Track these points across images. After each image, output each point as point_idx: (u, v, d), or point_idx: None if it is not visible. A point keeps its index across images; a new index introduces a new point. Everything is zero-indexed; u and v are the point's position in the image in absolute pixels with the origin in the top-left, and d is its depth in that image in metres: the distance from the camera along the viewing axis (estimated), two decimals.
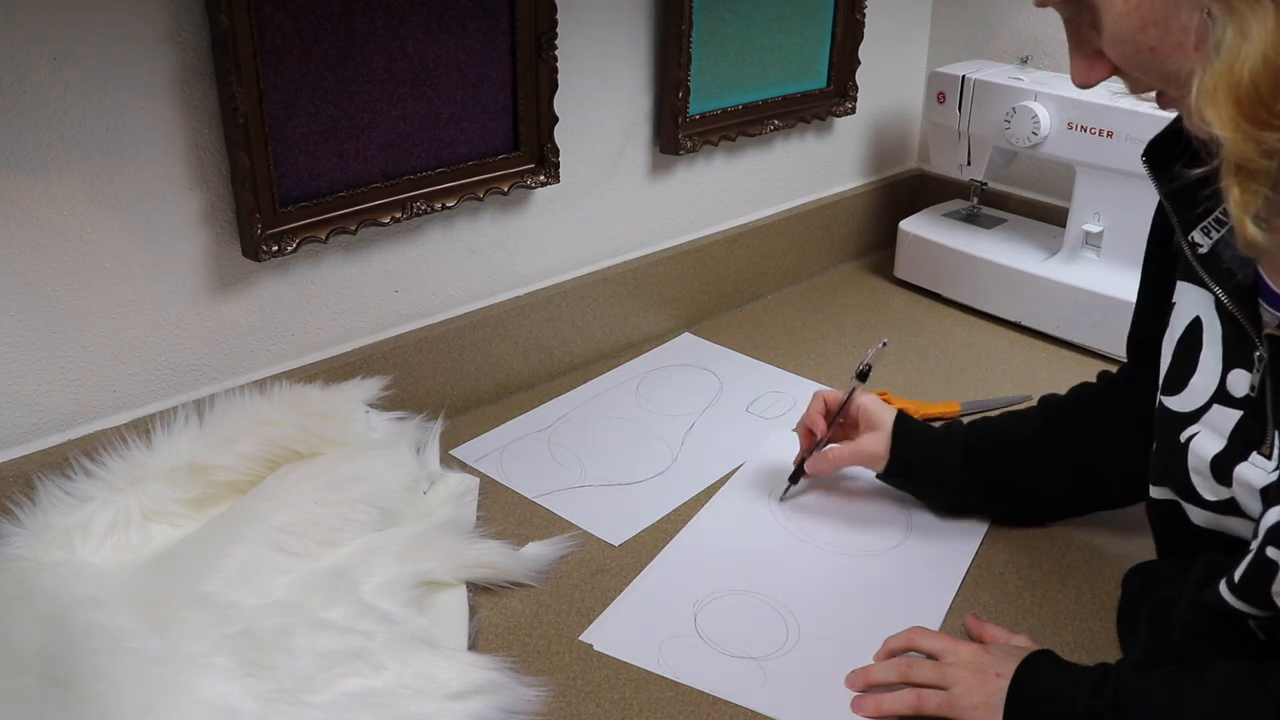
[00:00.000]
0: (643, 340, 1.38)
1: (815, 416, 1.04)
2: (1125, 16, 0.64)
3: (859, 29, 1.48)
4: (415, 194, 1.09)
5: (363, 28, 1.00)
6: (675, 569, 0.96)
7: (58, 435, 0.95)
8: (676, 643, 0.86)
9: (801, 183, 1.57)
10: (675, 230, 1.41)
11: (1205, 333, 0.76)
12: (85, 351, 0.94)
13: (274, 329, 1.06)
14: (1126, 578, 0.87)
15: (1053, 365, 1.34)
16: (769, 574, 0.95)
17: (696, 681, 0.82)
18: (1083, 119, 1.32)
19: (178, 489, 0.94)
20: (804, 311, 1.49)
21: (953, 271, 1.49)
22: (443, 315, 1.19)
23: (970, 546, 0.98)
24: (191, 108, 0.94)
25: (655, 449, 1.14)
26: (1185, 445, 0.76)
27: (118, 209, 0.92)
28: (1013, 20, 1.57)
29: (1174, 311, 0.80)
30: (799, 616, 0.90)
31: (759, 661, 0.84)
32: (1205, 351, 0.76)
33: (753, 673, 0.83)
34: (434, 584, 0.90)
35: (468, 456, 1.12)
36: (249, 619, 0.82)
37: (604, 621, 0.89)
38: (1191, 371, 0.76)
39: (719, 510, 1.04)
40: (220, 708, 0.74)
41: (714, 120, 1.36)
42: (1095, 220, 1.36)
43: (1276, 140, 0.58)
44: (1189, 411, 0.76)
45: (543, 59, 1.14)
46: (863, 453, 1.01)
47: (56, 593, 0.82)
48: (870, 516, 1.03)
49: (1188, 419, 0.76)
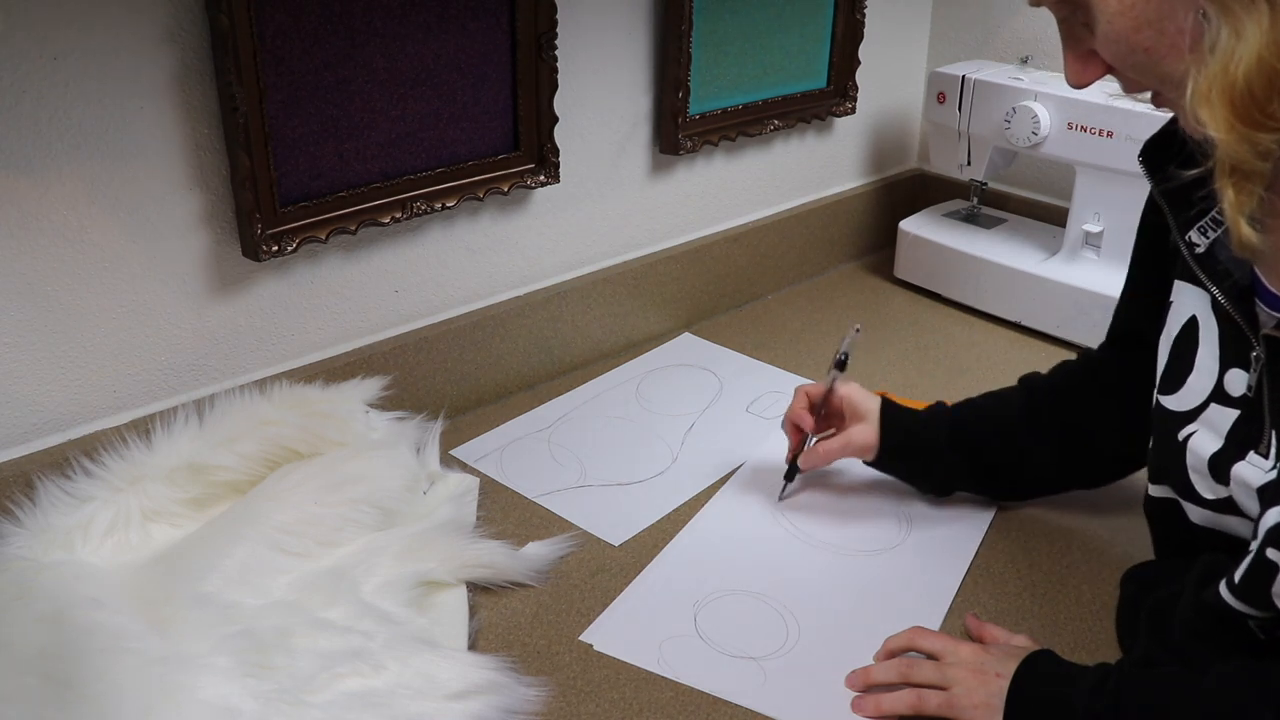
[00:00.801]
0: (643, 340, 1.38)
1: (800, 412, 1.04)
2: (1119, 17, 0.64)
3: (859, 29, 1.48)
4: (415, 194, 1.09)
5: (363, 28, 1.00)
6: (675, 569, 0.96)
7: (58, 435, 0.95)
8: (676, 643, 0.87)
9: (801, 183, 1.57)
10: (675, 230, 1.41)
11: (1202, 332, 0.76)
12: (85, 351, 0.94)
13: (274, 329, 1.06)
14: (1125, 578, 0.87)
15: (1052, 365, 1.33)
16: (769, 573, 0.95)
17: (697, 682, 0.82)
18: (1083, 119, 1.32)
19: (178, 489, 0.94)
20: (804, 311, 1.49)
21: (953, 271, 1.49)
22: (443, 315, 1.19)
23: (971, 545, 0.99)
24: (191, 108, 0.94)
25: (655, 449, 1.14)
26: (1184, 444, 0.76)
27: (118, 209, 0.92)
28: (1013, 20, 1.57)
29: (1171, 310, 0.80)
30: (799, 616, 0.90)
31: (759, 661, 0.84)
32: (1202, 351, 0.76)
33: (753, 673, 0.83)
34: (434, 584, 0.90)
35: (468, 456, 1.12)
36: (249, 619, 0.82)
37: (604, 621, 0.89)
38: (1188, 371, 0.76)
39: (719, 510, 1.04)
40: (220, 708, 0.74)
41: (714, 120, 1.36)
42: (1095, 220, 1.36)
43: (1271, 142, 0.58)
44: (1186, 410, 0.76)
45: (543, 59, 1.14)
46: (853, 444, 1.01)
47: (56, 593, 0.82)
48: (869, 514, 1.03)
49: (1185, 418, 0.76)
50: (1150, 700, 0.69)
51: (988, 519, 1.02)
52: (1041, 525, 1.02)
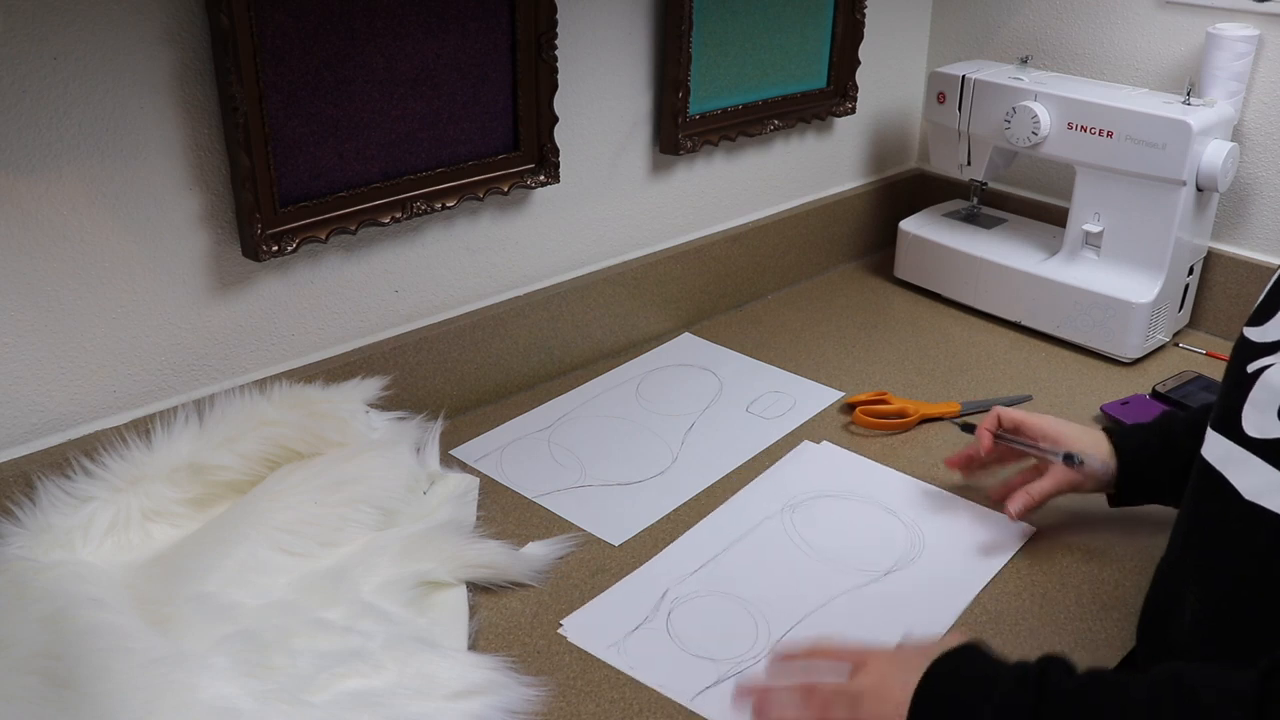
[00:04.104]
0: (643, 340, 1.38)
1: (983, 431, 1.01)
2: None
3: (859, 29, 1.48)
4: (415, 194, 1.09)
5: (363, 27, 1.00)
6: (668, 567, 0.96)
7: (58, 435, 0.95)
8: (640, 636, 0.87)
9: (801, 183, 1.57)
10: (675, 230, 1.41)
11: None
12: (85, 351, 0.94)
13: (274, 329, 1.06)
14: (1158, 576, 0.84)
15: (1053, 365, 1.34)
16: (759, 580, 0.94)
17: (644, 676, 0.83)
18: (1083, 119, 1.32)
19: (178, 489, 0.94)
20: (804, 311, 1.49)
21: (953, 271, 1.49)
22: (443, 315, 1.19)
23: (981, 577, 0.95)
24: (191, 107, 0.94)
25: (655, 449, 1.14)
26: (1252, 377, 0.73)
27: (118, 209, 0.92)
28: (1013, 20, 1.57)
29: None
30: (772, 625, 0.89)
31: (717, 664, 0.84)
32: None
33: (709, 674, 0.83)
34: (434, 584, 0.90)
35: (468, 456, 1.12)
36: (249, 619, 0.82)
37: (584, 612, 0.90)
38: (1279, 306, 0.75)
39: (729, 513, 1.04)
40: (220, 708, 0.74)
41: (714, 120, 1.36)
42: (1095, 220, 1.36)
43: None
44: (1267, 342, 0.74)
45: (543, 59, 1.14)
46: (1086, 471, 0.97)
47: (57, 593, 0.82)
48: (881, 533, 1.01)
49: (1263, 350, 0.74)
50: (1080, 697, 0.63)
51: (1010, 551, 0.98)
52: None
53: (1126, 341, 1.33)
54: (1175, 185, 1.27)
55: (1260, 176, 1.38)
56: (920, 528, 1.02)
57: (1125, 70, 1.47)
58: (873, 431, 1.18)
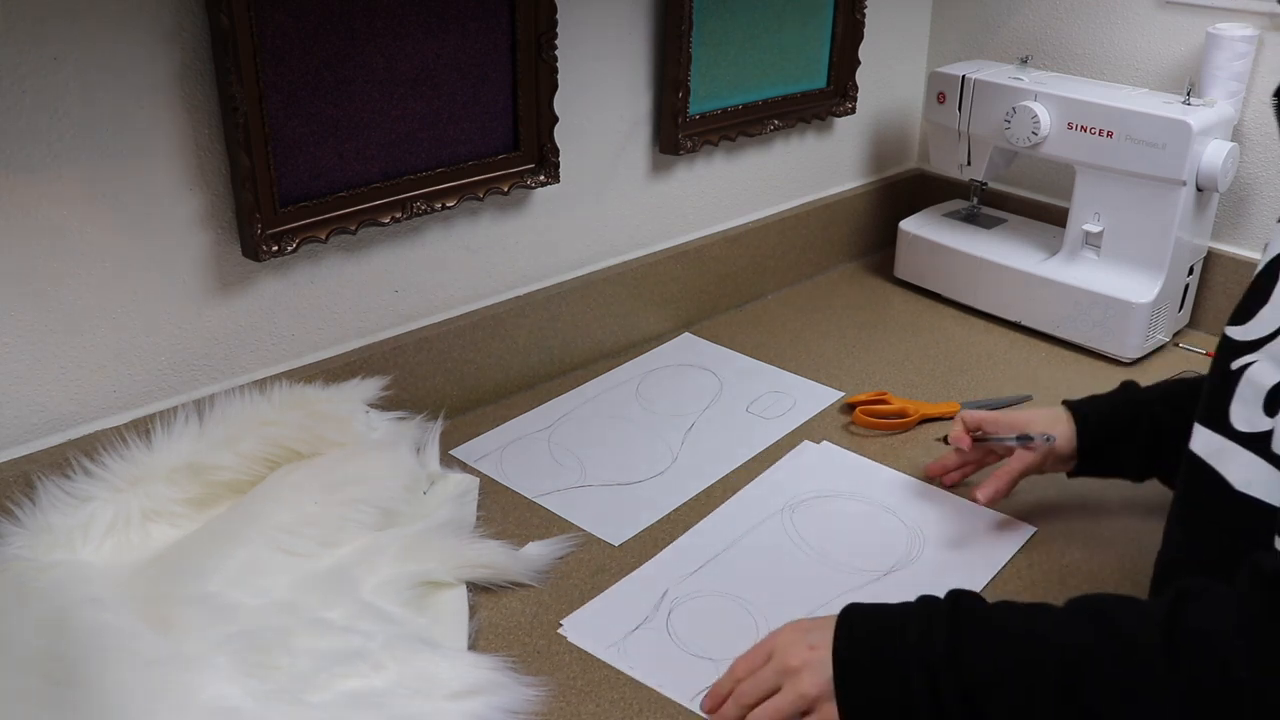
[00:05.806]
0: (643, 340, 1.38)
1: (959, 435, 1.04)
2: None
3: (859, 29, 1.48)
4: (415, 194, 1.09)
5: (363, 27, 1.00)
6: (667, 566, 0.96)
7: (58, 435, 0.95)
8: (640, 636, 0.87)
9: (801, 183, 1.57)
10: (675, 230, 1.41)
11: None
12: (85, 351, 0.94)
13: (274, 329, 1.06)
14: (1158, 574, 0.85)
15: (1053, 365, 1.34)
16: (759, 580, 0.94)
17: (644, 676, 0.83)
18: (1083, 119, 1.32)
19: (178, 489, 0.94)
20: (804, 311, 1.49)
21: (953, 271, 1.49)
22: (442, 315, 1.19)
23: (986, 575, 0.95)
24: (191, 107, 0.94)
25: (655, 449, 1.14)
26: (1236, 374, 0.75)
27: (118, 209, 0.92)
28: (1013, 20, 1.57)
29: (1265, 250, 0.79)
30: (771, 624, 0.88)
31: (717, 664, 0.84)
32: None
33: (709, 674, 0.83)
34: (434, 584, 0.90)
35: (468, 456, 1.12)
36: (249, 619, 0.82)
37: (583, 612, 0.90)
38: (1263, 303, 0.76)
39: (730, 512, 1.04)
40: (220, 708, 0.74)
41: (714, 120, 1.36)
42: (1095, 220, 1.36)
43: None
44: (1249, 340, 0.75)
45: (543, 59, 1.14)
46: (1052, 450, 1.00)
47: (57, 593, 0.82)
48: (883, 533, 1.01)
49: (1246, 348, 0.75)
50: (991, 644, 0.68)
51: (1010, 551, 0.98)
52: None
53: (1126, 341, 1.33)
54: (1175, 185, 1.27)
55: (1260, 176, 1.38)
56: (920, 528, 1.02)
57: (1125, 70, 1.47)
58: (873, 431, 1.18)
